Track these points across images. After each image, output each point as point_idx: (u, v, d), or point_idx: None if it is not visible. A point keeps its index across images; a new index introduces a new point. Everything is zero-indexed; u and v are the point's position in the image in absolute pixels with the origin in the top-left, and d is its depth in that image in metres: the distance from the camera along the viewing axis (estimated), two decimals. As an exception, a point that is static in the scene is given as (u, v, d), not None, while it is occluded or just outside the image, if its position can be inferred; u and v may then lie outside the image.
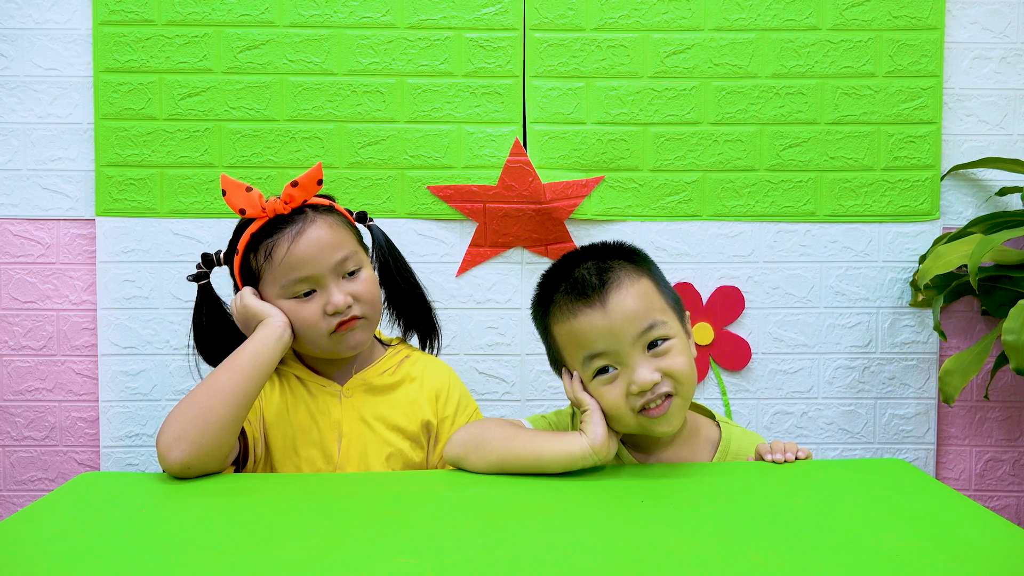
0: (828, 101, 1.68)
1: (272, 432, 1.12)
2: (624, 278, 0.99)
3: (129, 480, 0.98)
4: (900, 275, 1.71)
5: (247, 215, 1.09)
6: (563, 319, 0.99)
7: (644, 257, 1.05)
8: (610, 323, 0.96)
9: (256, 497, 0.91)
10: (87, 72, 1.66)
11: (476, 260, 1.68)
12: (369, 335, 1.14)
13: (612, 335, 0.96)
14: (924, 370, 1.72)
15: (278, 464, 1.12)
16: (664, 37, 1.67)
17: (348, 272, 1.10)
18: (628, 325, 0.96)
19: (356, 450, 1.12)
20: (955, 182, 1.71)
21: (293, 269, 1.06)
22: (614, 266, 1.00)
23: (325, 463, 1.11)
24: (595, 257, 1.02)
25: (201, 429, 0.97)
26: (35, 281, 1.69)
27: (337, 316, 1.08)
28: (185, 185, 1.65)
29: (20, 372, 1.70)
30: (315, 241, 1.07)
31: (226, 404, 1.00)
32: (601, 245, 1.05)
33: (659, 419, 0.97)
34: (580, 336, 0.97)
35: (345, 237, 1.11)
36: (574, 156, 1.67)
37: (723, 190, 1.68)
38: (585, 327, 0.97)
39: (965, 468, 1.76)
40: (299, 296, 1.07)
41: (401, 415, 1.16)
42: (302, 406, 1.13)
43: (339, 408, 1.13)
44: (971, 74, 1.70)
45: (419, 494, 0.91)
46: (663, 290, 1.02)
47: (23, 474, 1.71)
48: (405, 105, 1.66)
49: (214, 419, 0.98)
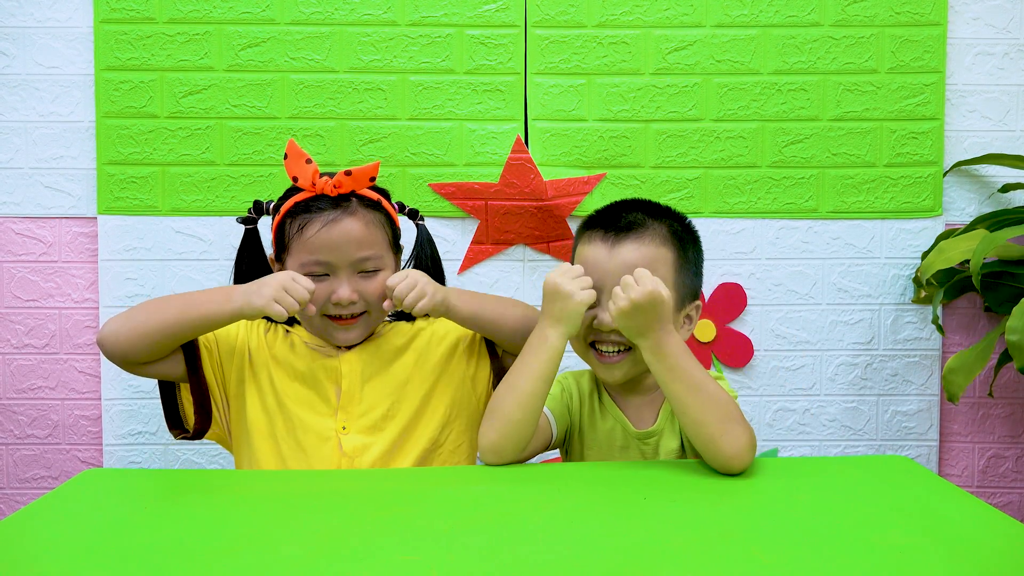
0: (830, 97, 1.67)
1: (276, 374, 1.15)
2: (646, 236, 1.04)
3: (132, 477, 0.99)
4: (903, 272, 1.71)
5: (299, 184, 1.13)
6: (584, 241, 1.08)
7: (686, 237, 1.08)
8: (607, 262, 1.03)
9: (260, 494, 0.91)
10: (88, 70, 1.65)
11: (478, 258, 1.68)
12: (366, 329, 1.16)
13: (603, 272, 1.03)
14: (927, 367, 1.72)
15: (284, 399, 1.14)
16: (666, 34, 1.66)
17: (367, 270, 1.12)
18: (618, 271, 1.01)
19: (355, 393, 1.14)
20: (958, 178, 1.71)
21: (316, 251, 1.10)
22: (650, 226, 1.05)
23: (325, 406, 1.13)
24: (646, 211, 1.07)
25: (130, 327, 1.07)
26: (37, 279, 1.69)
27: (338, 308, 1.10)
28: (187, 183, 1.65)
29: (23, 370, 1.70)
30: (344, 233, 1.10)
31: (158, 326, 1.07)
32: (664, 207, 1.10)
33: (607, 366, 1.05)
34: (585, 260, 1.06)
35: (376, 238, 1.13)
36: (576, 153, 1.67)
37: (725, 187, 1.68)
38: (591, 254, 1.05)
39: (968, 465, 1.76)
40: (313, 275, 1.11)
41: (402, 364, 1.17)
42: (306, 358, 1.16)
43: (337, 360, 1.15)
44: (974, 70, 1.69)
45: (423, 491, 0.91)
46: (679, 270, 1.06)
47: (26, 472, 1.71)
48: (406, 102, 1.66)
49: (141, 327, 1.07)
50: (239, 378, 1.16)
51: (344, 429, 1.13)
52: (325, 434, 1.12)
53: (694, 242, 1.10)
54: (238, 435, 1.17)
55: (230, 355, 1.16)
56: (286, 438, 1.13)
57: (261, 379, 1.15)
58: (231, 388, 1.17)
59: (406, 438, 1.14)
